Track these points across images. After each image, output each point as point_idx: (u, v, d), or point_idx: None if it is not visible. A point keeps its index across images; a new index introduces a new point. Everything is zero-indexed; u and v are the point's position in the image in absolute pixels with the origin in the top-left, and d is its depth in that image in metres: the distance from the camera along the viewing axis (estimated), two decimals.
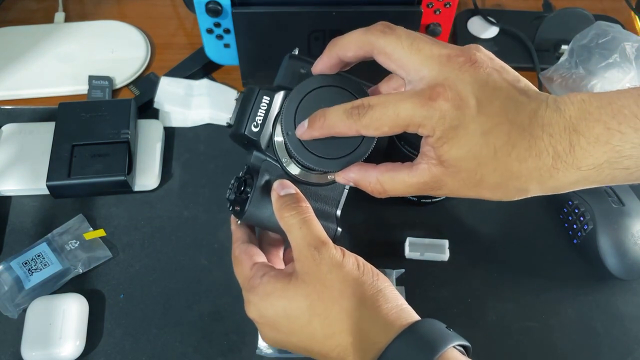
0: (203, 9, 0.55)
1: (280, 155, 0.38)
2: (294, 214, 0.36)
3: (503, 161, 0.31)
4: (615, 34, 0.60)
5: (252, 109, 0.37)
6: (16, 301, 0.49)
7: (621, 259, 0.49)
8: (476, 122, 0.30)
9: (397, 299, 0.35)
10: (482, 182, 0.32)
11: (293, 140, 0.35)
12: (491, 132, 0.30)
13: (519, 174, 0.31)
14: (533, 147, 0.30)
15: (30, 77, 0.63)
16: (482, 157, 0.31)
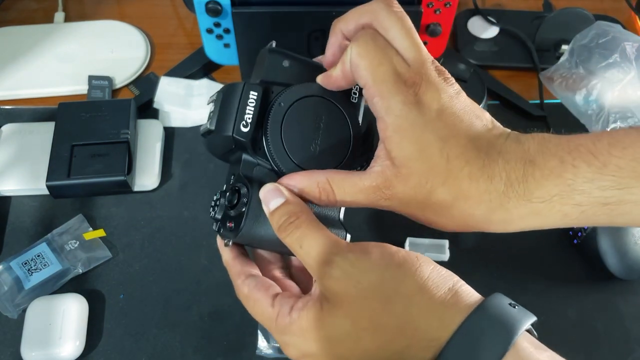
0: (203, 9, 0.55)
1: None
2: (292, 232, 0.31)
3: (454, 175, 0.30)
4: (615, 34, 0.60)
5: (239, 106, 0.32)
6: (16, 301, 0.49)
7: (621, 259, 0.49)
8: (435, 125, 0.30)
9: (448, 280, 0.31)
10: (431, 197, 0.30)
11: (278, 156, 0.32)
12: (447, 141, 0.30)
13: (468, 194, 0.30)
14: (487, 167, 0.29)
15: (30, 77, 0.63)
16: (434, 162, 0.30)
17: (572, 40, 0.62)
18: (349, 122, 0.34)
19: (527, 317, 0.30)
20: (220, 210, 0.34)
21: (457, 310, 0.29)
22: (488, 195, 0.30)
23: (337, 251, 0.30)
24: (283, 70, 0.35)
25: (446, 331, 0.28)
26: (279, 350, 0.47)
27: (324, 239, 0.31)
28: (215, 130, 0.32)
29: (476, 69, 0.60)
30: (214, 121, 0.33)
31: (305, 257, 0.31)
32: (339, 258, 0.30)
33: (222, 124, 0.32)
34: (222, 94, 0.33)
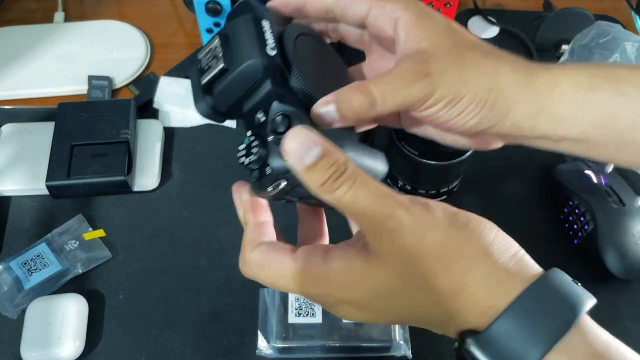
0: (203, 9, 0.55)
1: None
2: (342, 188, 0.26)
3: (474, 51, 0.31)
4: (615, 33, 0.60)
5: (257, 33, 0.28)
6: (16, 301, 0.49)
7: (622, 259, 0.49)
8: (440, 15, 0.33)
9: (511, 247, 0.29)
10: (463, 60, 0.31)
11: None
12: (460, 28, 0.32)
13: (486, 70, 0.31)
14: (489, 56, 0.32)
15: (29, 77, 0.63)
16: (457, 36, 0.32)
17: (573, 40, 0.62)
18: (342, 61, 0.34)
19: (590, 296, 0.29)
20: (252, 152, 0.28)
21: (519, 279, 0.27)
22: (514, 59, 0.32)
23: (397, 205, 0.27)
24: (268, 11, 0.32)
25: (505, 299, 0.26)
26: (279, 350, 0.47)
27: (380, 190, 0.27)
28: (235, 64, 0.28)
29: None
30: (228, 57, 0.28)
31: (358, 213, 0.27)
32: (402, 212, 0.26)
33: (244, 54, 0.28)
34: (228, 31, 0.29)
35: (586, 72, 0.31)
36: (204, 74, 0.30)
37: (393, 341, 0.46)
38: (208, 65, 0.29)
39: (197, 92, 0.31)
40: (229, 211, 0.49)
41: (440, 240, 0.27)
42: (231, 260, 0.52)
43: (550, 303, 0.27)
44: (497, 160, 0.59)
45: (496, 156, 0.59)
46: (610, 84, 0.30)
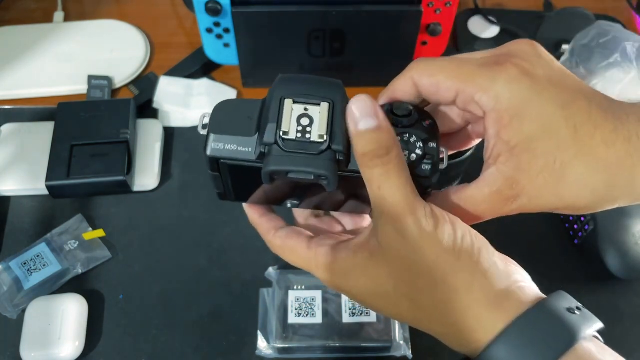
0: (203, 9, 0.55)
1: None
2: (377, 167, 0.26)
3: (586, 143, 0.25)
4: (616, 33, 0.60)
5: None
6: (15, 301, 0.49)
7: (622, 259, 0.49)
8: (550, 93, 0.26)
9: (508, 277, 0.28)
10: (564, 176, 0.26)
11: None
12: (569, 107, 0.26)
13: (606, 162, 0.26)
14: (620, 129, 0.26)
15: (29, 76, 0.63)
16: (561, 135, 0.26)
17: (573, 40, 0.62)
18: None
19: (593, 321, 0.28)
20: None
21: (517, 303, 0.27)
22: (630, 158, 0.26)
23: (413, 210, 0.27)
24: None
25: (485, 335, 0.27)
26: (279, 350, 0.47)
27: (406, 190, 0.27)
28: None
29: None
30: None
31: (378, 198, 0.27)
32: (411, 220, 0.26)
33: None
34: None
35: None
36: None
37: (393, 341, 0.46)
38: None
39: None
40: (228, 211, 0.49)
41: (432, 257, 0.27)
42: (231, 260, 0.52)
43: (547, 328, 0.26)
44: None
45: None
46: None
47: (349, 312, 0.48)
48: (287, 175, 0.27)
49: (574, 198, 0.27)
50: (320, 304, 0.48)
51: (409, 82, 0.29)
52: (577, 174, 0.26)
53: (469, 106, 0.28)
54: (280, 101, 0.27)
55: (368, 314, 0.48)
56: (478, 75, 0.27)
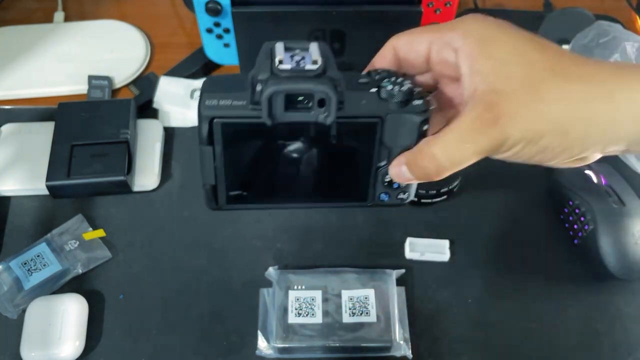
0: (203, 9, 0.55)
1: None
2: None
3: (557, 62, 0.27)
4: (616, 33, 0.60)
5: None
6: (15, 301, 0.49)
7: (622, 259, 0.49)
8: (514, 29, 0.28)
9: None
10: (539, 91, 0.26)
11: None
12: (535, 38, 0.28)
13: (578, 75, 0.27)
14: (588, 60, 0.27)
15: (29, 76, 0.63)
16: (532, 56, 0.27)
17: (573, 40, 0.62)
18: None
19: None
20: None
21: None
22: (601, 74, 0.27)
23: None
24: None
25: None
26: (279, 350, 0.47)
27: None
28: None
29: None
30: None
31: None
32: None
33: None
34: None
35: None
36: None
37: (393, 341, 0.46)
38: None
39: None
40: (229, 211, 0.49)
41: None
42: (231, 260, 0.52)
43: None
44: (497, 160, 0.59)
45: None
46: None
47: (349, 312, 0.48)
48: (285, 111, 0.27)
49: (552, 113, 0.27)
50: (320, 304, 0.48)
51: (389, 48, 0.31)
52: (552, 86, 0.27)
53: (442, 52, 0.29)
54: (270, 46, 0.28)
55: (368, 314, 0.48)
56: (447, 24, 0.29)
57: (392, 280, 0.49)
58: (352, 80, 0.29)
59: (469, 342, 0.48)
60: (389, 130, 0.29)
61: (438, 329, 0.49)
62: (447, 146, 0.28)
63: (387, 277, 0.49)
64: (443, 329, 0.49)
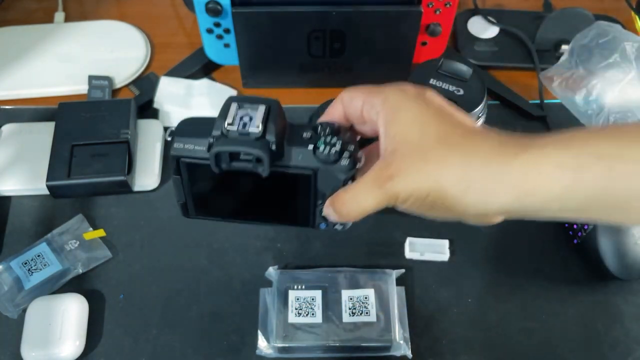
0: (203, 9, 0.55)
1: None
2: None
3: (448, 134, 0.31)
4: (615, 33, 0.60)
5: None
6: (16, 301, 0.49)
7: (621, 259, 0.49)
8: (425, 100, 0.33)
9: None
10: (427, 156, 0.31)
11: None
12: (441, 109, 0.33)
13: (463, 148, 0.31)
14: (484, 130, 0.32)
15: (30, 77, 0.63)
16: (429, 124, 0.32)
17: (572, 40, 0.62)
18: None
19: None
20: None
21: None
22: (483, 147, 0.31)
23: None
24: None
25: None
26: (279, 350, 0.47)
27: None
28: None
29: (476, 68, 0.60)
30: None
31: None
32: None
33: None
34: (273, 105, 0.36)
35: (570, 152, 0.29)
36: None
37: (393, 341, 0.47)
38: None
39: None
40: None
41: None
42: (231, 260, 0.52)
43: None
44: None
45: None
46: (597, 161, 0.29)
47: (349, 312, 0.48)
48: (230, 162, 0.34)
49: (434, 175, 0.31)
50: (320, 304, 0.48)
51: (339, 101, 0.36)
52: (437, 153, 0.31)
53: (370, 113, 0.34)
54: (228, 104, 0.34)
55: (368, 313, 0.48)
56: (377, 89, 0.34)
57: (392, 280, 0.49)
58: (298, 134, 0.34)
59: (469, 342, 0.49)
60: (321, 179, 0.35)
61: (438, 328, 0.49)
62: (354, 195, 0.33)
63: (387, 277, 0.49)
64: (443, 328, 0.49)
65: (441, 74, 0.45)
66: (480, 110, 0.44)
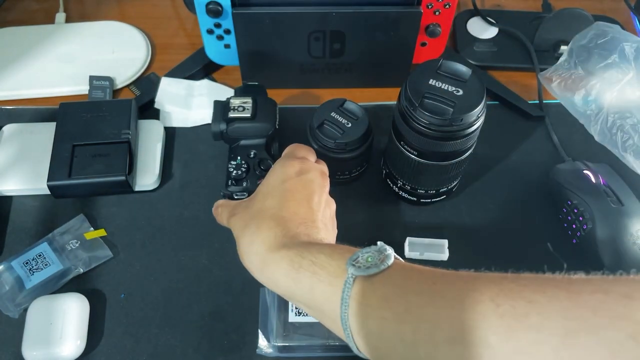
0: (203, 10, 0.56)
1: None
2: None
3: (240, 228, 0.42)
4: (614, 34, 0.60)
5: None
6: (17, 301, 0.49)
7: (620, 258, 0.49)
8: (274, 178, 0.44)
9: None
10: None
11: None
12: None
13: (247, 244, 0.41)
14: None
15: (31, 77, 0.63)
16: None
17: (571, 41, 0.63)
18: None
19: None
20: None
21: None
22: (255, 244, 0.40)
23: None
24: None
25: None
26: (279, 349, 0.47)
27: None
28: (258, 119, 0.54)
29: (475, 69, 0.60)
30: (254, 113, 0.54)
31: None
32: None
33: (266, 118, 0.55)
34: (258, 98, 0.56)
35: (294, 252, 0.37)
36: (233, 111, 0.54)
37: None
38: (238, 108, 0.54)
39: (217, 118, 0.54)
40: None
41: None
42: (231, 260, 0.53)
43: None
44: (496, 160, 0.59)
45: (495, 156, 0.60)
46: (309, 265, 0.35)
47: None
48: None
49: (238, 222, 0.43)
50: None
51: None
52: (251, 227, 0.41)
53: None
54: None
55: None
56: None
57: None
58: None
59: None
60: None
61: None
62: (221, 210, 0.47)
63: None
64: None
65: (440, 75, 0.45)
66: (480, 111, 0.44)
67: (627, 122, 0.58)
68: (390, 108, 0.52)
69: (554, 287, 0.27)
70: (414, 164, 0.49)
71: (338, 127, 0.51)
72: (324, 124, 0.52)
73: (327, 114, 0.52)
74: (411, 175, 0.51)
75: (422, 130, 0.45)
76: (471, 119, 0.44)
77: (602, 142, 0.59)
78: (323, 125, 0.52)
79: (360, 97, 0.60)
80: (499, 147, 0.60)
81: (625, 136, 0.57)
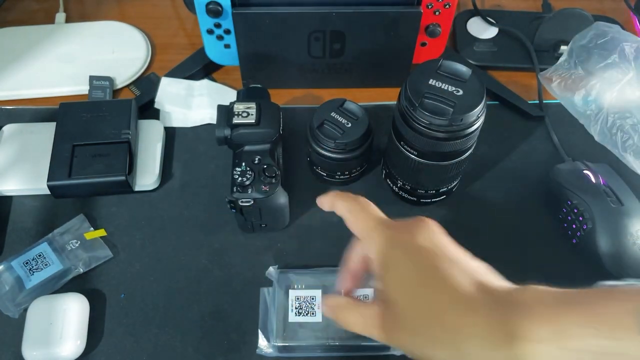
0: (203, 10, 0.56)
1: None
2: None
3: (421, 295, 0.33)
4: (614, 34, 0.60)
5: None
6: (17, 301, 0.49)
7: (620, 258, 0.50)
8: (414, 256, 0.35)
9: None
10: (397, 317, 0.33)
11: None
12: (427, 269, 0.34)
13: (430, 307, 0.32)
14: (488, 316, 0.31)
15: (31, 77, 0.64)
16: (426, 310, 0.33)
17: (571, 41, 0.63)
18: None
19: None
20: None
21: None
22: (478, 331, 0.31)
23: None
24: None
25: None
26: (279, 349, 0.47)
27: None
28: (262, 125, 0.53)
29: (475, 69, 0.60)
30: (258, 118, 0.53)
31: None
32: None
33: (269, 124, 0.54)
34: (262, 104, 0.54)
35: (566, 348, 0.29)
36: (237, 117, 0.52)
37: None
38: (242, 113, 0.53)
39: (221, 123, 0.52)
40: (229, 211, 0.50)
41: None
42: (232, 260, 0.53)
43: None
44: (496, 160, 0.59)
45: (495, 156, 0.60)
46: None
47: None
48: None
49: (407, 341, 0.33)
50: (320, 303, 0.48)
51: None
52: (428, 334, 0.32)
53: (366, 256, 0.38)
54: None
55: None
56: (367, 232, 0.37)
57: None
58: None
59: None
60: None
61: None
62: (357, 317, 0.37)
63: None
64: None
65: (440, 75, 0.45)
66: (480, 111, 0.44)
67: (627, 122, 0.58)
68: (390, 108, 0.52)
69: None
70: (414, 164, 0.49)
71: (338, 127, 0.51)
72: (324, 124, 0.52)
73: (327, 114, 0.52)
74: (411, 175, 0.51)
75: (422, 130, 0.45)
76: (471, 119, 0.44)
77: (602, 142, 0.59)
78: (323, 125, 0.52)
79: (360, 97, 0.60)
80: (499, 147, 0.60)
81: (625, 136, 0.58)
